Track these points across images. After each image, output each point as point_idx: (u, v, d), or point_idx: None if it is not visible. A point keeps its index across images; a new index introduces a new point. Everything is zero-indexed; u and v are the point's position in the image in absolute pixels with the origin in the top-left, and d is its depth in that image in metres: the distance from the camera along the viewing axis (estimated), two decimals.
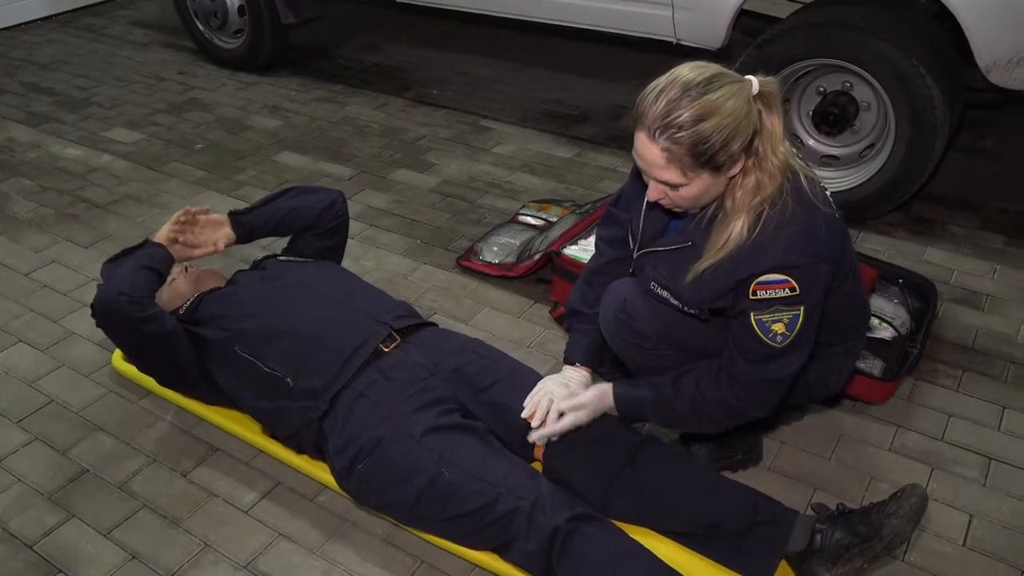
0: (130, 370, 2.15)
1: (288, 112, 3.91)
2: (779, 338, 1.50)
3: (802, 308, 1.48)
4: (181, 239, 2.02)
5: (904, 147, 2.63)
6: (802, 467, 1.94)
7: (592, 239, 2.53)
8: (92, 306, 1.88)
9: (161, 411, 2.14)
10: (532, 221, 2.83)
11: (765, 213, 1.46)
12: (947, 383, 2.17)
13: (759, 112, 1.44)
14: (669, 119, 1.39)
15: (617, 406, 1.69)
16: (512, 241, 2.74)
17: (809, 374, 1.72)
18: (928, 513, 1.56)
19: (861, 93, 2.73)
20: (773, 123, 1.47)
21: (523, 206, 2.96)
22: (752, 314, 1.50)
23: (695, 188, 1.47)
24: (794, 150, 1.54)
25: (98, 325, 1.91)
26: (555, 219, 2.80)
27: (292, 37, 4.32)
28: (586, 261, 2.39)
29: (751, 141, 1.44)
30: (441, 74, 4.28)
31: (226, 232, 2.09)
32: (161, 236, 2.02)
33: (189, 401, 2.09)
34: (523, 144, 3.54)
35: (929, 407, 2.10)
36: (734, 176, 1.48)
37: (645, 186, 1.60)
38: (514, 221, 2.87)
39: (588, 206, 2.83)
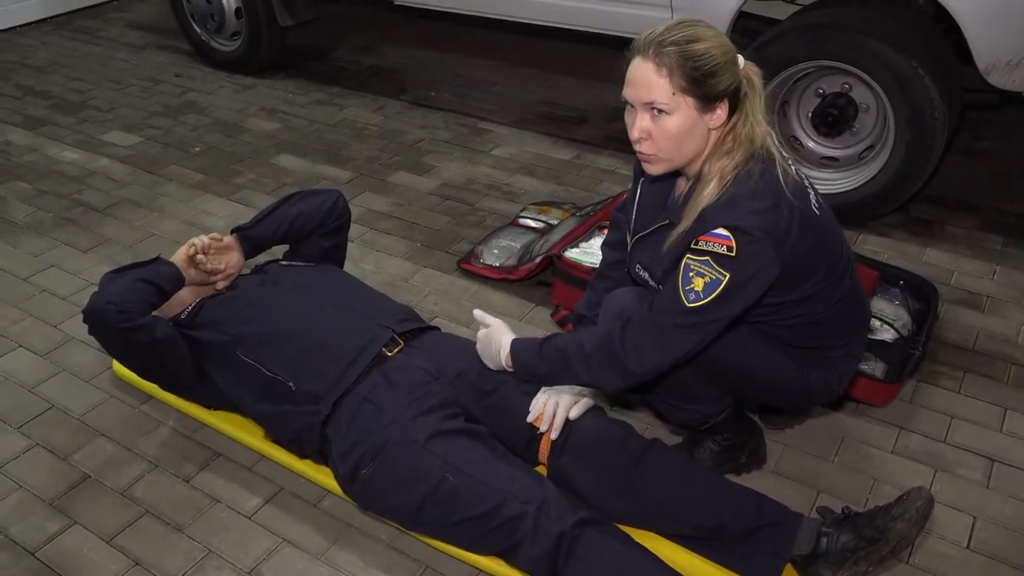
0: (130, 375, 2.14)
1: (286, 115, 3.91)
2: (692, 295, 1.48)
3: (727, 277, 1.45)
4: (198, 260, 2.01)
5: (903, 148, 2.63)
6: (805, 469, 1.94)
7: (593, 241, 2.55)
8: (83, 313, 1.86)
9: (162, 416, 2.14)
10: (532, 224, 2.83)
11: (731, 181, 1.50)
12: (949, 385, 2.17)
13: (744, 79, 1.51)
14: (669, 35, 1.46)
15: (512, 357, 1.68)
16: (513, 244, 2.74)
17: (811, 376, 1.73)
18: (932, 515, 1.56)
19: (860, 95, 2.73)
20: (758, 95, 1.52)
21: (523, 209, 2.96)
22: (686, 257, 1.50)
23: (679, 119, 1.48)
24: (774, 137, 1.57)
25: (89, 332, 1.90)
26: (555, 222, 2.80)
27: (289, 39, 4.31)
28: (587, 264, 2.41)
29: (735, 96, 1.50)
30: (437, 76, 4.28)
31: (236, 259, 2.11)
32: (178, 258, 2.01)
33: (190, 406, 2.08)
34: (521, 146, 3.54)
35: (931, 409, 2.10)
36: (713, 129, 1.51)
37: (639, 185, 1.67)
38: (514, 224, 2.87)
39: (588, 208, 2.83)
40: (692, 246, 1.49)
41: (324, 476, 1.86)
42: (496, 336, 1.73)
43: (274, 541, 1.80)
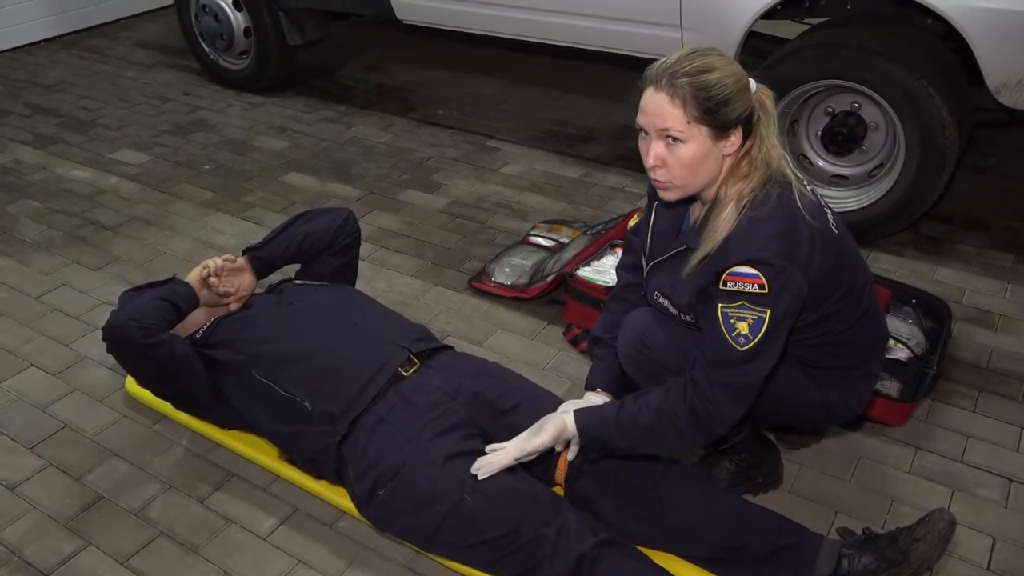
0: (144, 394, 2.14)
1: (295, 133, 3.92)
2: (742, 339, 1.47)
3: (768, 312, 1.46)
4: (211, 282, 2.02)
5: (914, 167, 2.64)
6: (823, 490, 1.93)
7: (605, 260, 2.56)
8: (103, 330, 1.87)
9: (176, 436, 2.13)
10: (543, 242, 2.84)
11: (747, 205, 1.49)
12: (964, 404, 2.17)
13: (757, 103, 1.51)
14: (675, 69, 1.47)
15: (579, 428, 1.63)
16: (524, 262, 2.74)
17: (831, 396, 1.72)
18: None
19: (869, 113, 2.74)
20: (768, 119, 1.53)
21: (533, 227, 2.96)
22: (720, 306, 1.49)
23: (693, 147, 1.48)
24: (788, 160, 1.57)
25: (108, 350, 1.90)
26: (566, 240, 2.80)
27: (297, 58, 4.34)
28: (599, 282, 2.42)
29: (748, 122, 1.50)
30: (446, 94, 4.30)
31: (248, 280, 2.11)
32: (192, 278, 2.01)
33: (204, 425, 2.08)
34: (530, 164, 3.55)
35: (947, 428, 2.09)
36: (727, 156, 1.51)
37: (653, 209, 1.66)
38: (525, 242, 2.87)
39: (599, 227, 2.84)
40: (721, 287, 1.48)
41: (339, 496, 1.85)
42: (549, 418, 1.67)
43: (290, 562, 1.80)
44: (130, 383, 2.22)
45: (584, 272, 2.50)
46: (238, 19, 4.15)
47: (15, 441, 2.13)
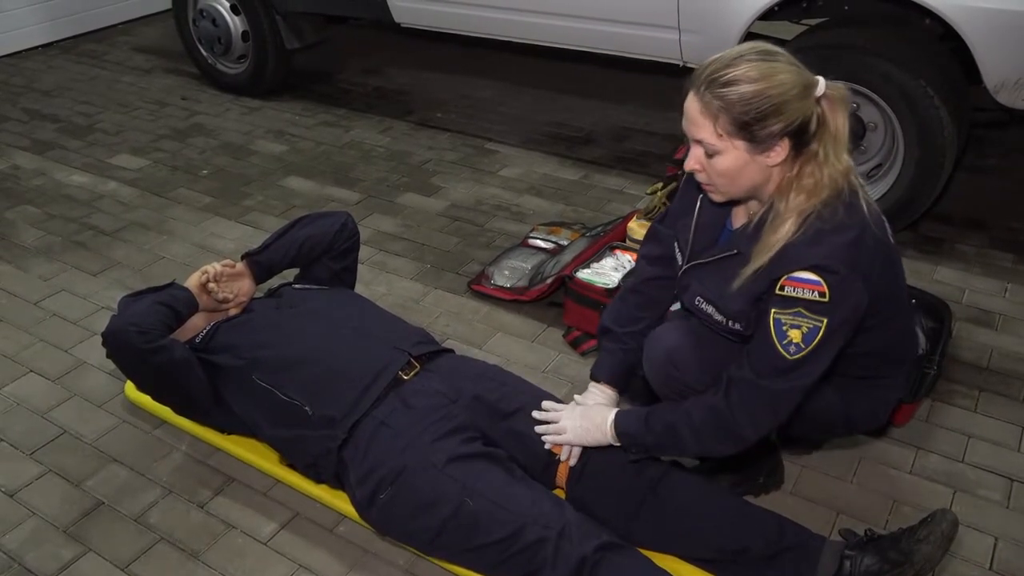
0: (143, 399, 2.13)
1: (293, 137, 3.92)
2: (792, 348, 1.42)
3: (825, 322, 1.39)
4: (210, 288, 2.02)
5: (912, 167, 2.64)
6: (824, 491, 1.93)
7: (605, 262, 2.55)
8: (103, 335, 1.87)
9: (176, 441, 2.13)
10: (542, 244, 2.83)
11: (814, 217, 1.41)
12: (965, 404, 2.17)
13: (821, 112, 1.41)
14: (715, 76, 1.39)
15: (617, 428, 1.64)
16: (523, 265, 2.74)
17: (854, 407, 1.68)
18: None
19: (868, 113, 2.74)
20: (838, 126, 1.43)
21: (532, 229, 2.96)
22: (772, 311, 1.42)
23: (729, 159, 1.42)
24: (855, 171, 1.49)
25: (108, 355, 1.90)
26: (565, 242, 2.80)
27: (295, 62, 4.34)
28: (599, 284, 2.41)
29: (800, 132, 1.40)
30: (444, 97, 4.29)
31: (247, 285, 2.11)
32: (191, 283, 2.01)
33: (204, 430, 2.07)
34: (529, 167, 3.55)
35: (948, 428, 2.09)
36: (775, 166, 1.43)
37: (695, 201, 1.60)
38: (524, 244, 2.87)
39: (598, 229, 2.83)
40: (777, 292, 1.42)
41: (340, 501, 1.85)
42: (596, 411, 1.70)
43: (290, 567, 1.79)
44: (129, 388, 2.21)
45: (583, 274, 2.49)
46: (236, 23, 4.15)
47: (14, 447, 2.13)
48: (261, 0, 3.99)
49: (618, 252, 2.59)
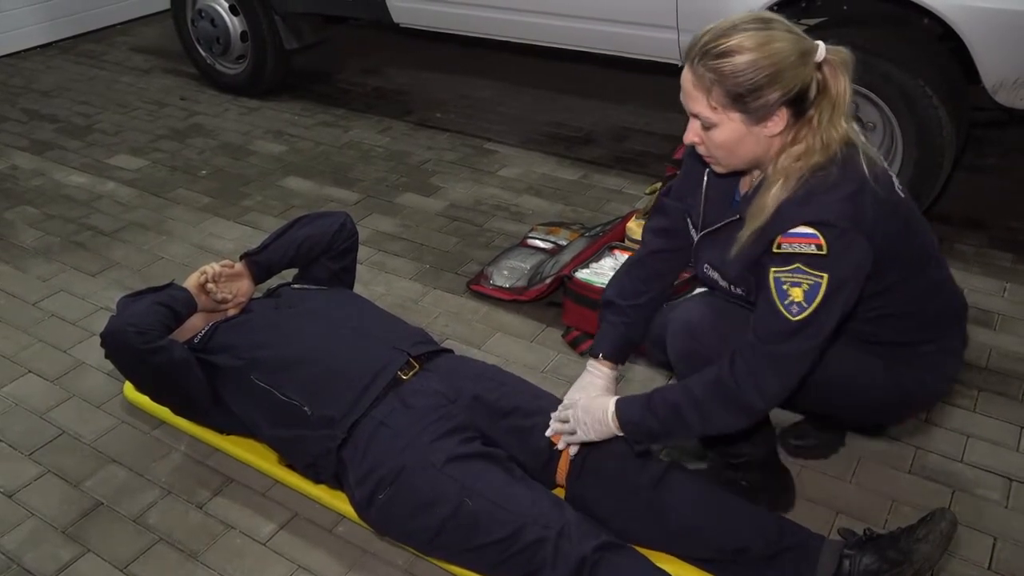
0: (142, 400, 2.13)
1: (292, 137, 3.92)
2: (794, 308, 1.37)
3: (825, 277, 1.35)
4: (209, 288, 2.02)
5: (912, 167, 2.64)
6: (823, 490, 1.93)
7: (604, 262, 2.55)
8: (101, 336, 1.87)
9: (175, 441, 2.13)
10: (541, 244, 2.83)
11: (807, 176, 1.38)
12: (964, 404, 2.17)
13: (822, 78, 1.37)
14: (709, 47, 1.36)
15: (620, 418, 1.59)
16: (522, 265, 2.74)
17: (903, 378, 1.61)
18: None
19: (867, 113, 2.74)
20: (839, 91, 1.38)
21: (531, 229, 2.96)
22: (772, 271, 1.39)
23: (726, 132, 1.40)
24: (855, 129, 1.43)
25: (106, 356, 1.90)
26: (564, 242, 2.80)
27: (294, 62, 4.33)
28: (598, 284, 2.41)
29: (799, 100, 1.36)
30: (443, 97, 4.29)
31: (246, 285, 2.11)
32: (190, 284, 2.01)
33: (203, 431, 2.07)
34: (528, 167, 3.55)
35: (947, 428, 2.09)
36: (775, 136, 1.40)
37: (701, 175, 1.58)
38: (523, 244, 2.87)
39: (597, 229, 2.83)
40: (774, 251, 1.38)
41: (339, 501, 1.84)
42: (596, 403, 1.64)
43: (289, 568, 1.79)
44: (128, 389, 2.21)
45: (583, 274, 2.49)
46: (235, 23, 4.14)
47: (13, 448, 2.13)
48: (260, 0, 3.99)
49: (617, 252, 2.59)
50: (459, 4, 3.47)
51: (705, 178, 1.62)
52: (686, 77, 1.41)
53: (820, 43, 1.38)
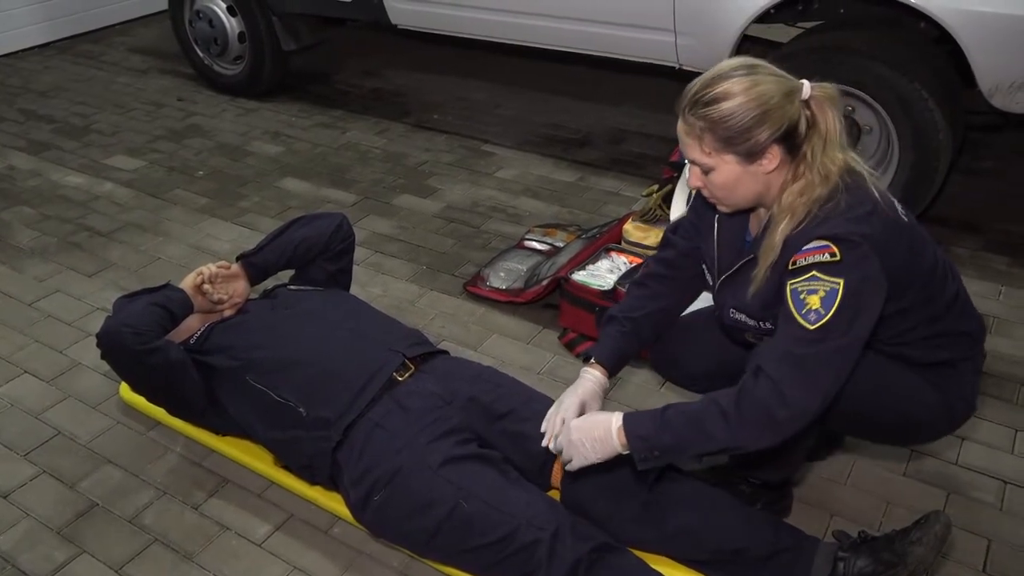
0: (138, 401, 2.13)
1: (289, 138, 3.92)
2: (812, 316, 1.36)
3: (842, 282, 1.35)
4: (205, 289, 2.02)
5: (907, 170, 2.65)
6: (819, 492, 1.93)
7: (600, 264, 2.56)
8: (97, 336, 1.87)
9: (170, 442, 2.12)
10: (538, 246, 2.84)
11: (815, 209, 1.41)
12: None
13: (810, 114, 1.41)
14: (697, 96, 1.41)
15: (628, 433, 1.47)
16: (519, 267, 2.74)
17: (950, 396, 1.61)
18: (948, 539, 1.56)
19: (863, 116, 2.74)
20: (828, 127, 1.41)
21: (528, 231, 2.96)
22: (789, 283, 1.40)
23: (724, 174, 1.44)
24: (857, 160, 1.46)
25: (102, 356, 1.90)
26: (561, 244, 2.80)
27: (291, 63, 4.33)
28: (595, 286, 2.41)
29: (790, 137, 1.40)
30: (440, 99, 4.30)
31: (243, 287, 2.12)
32: (186, 284, 2.01)
33: (199, 432, 2.07)
34: (525, 168, 3.55)
35: None
36: (771, 172, 1.43)
37: (711, 222, 1.63)
38: (520, 246, 2.87)
39: (594, 231, 2.84)
40: (790, 268, 1.40)
41: (335, 502, 1.85)
42: (594, 421, 1.53)
43: (285, 569, 1.79)
44: (124, 389, 2.21)
45: (579, 276, 2.49)
46: (232, 24, 4.15)
47: (8, 448, 2.12)
48: (258, 1, 3.99)
49: (614, 254, 2.60)
50: (457, 6, 3.48)
51: (715, 224, 1.65)
52: (680, 127, 1.46)
53: (805, 82, 1.43)
